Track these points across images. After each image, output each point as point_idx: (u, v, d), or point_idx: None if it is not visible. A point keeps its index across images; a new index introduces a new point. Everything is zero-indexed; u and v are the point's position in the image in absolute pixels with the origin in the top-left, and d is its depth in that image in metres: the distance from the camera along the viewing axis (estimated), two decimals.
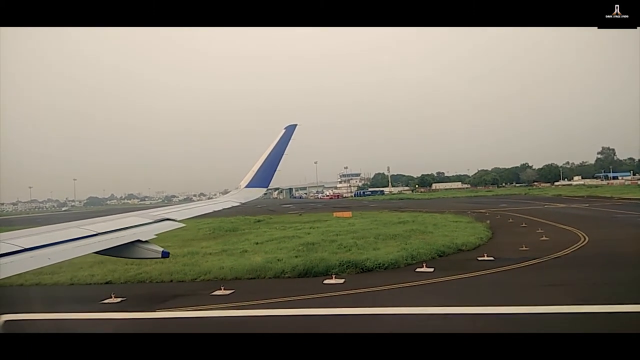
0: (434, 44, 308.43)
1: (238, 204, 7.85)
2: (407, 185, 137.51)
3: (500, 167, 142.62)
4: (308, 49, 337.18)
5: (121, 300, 11.45)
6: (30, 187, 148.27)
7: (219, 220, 34.09)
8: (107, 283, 13.83)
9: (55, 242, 3.97)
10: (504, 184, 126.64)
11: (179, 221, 5.88)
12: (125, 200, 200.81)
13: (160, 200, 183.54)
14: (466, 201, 58.52)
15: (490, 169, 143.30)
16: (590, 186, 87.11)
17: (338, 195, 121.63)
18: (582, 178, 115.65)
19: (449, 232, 21.78)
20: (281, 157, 8.45)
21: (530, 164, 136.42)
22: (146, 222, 5.38)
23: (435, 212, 36.74)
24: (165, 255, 4.69)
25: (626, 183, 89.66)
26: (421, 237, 20.30)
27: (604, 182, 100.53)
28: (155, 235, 4.98)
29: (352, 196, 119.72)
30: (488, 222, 25.86)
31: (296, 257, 15.77)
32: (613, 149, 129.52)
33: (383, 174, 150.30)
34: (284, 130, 8.69)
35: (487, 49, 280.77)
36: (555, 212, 33.28)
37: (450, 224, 25.38)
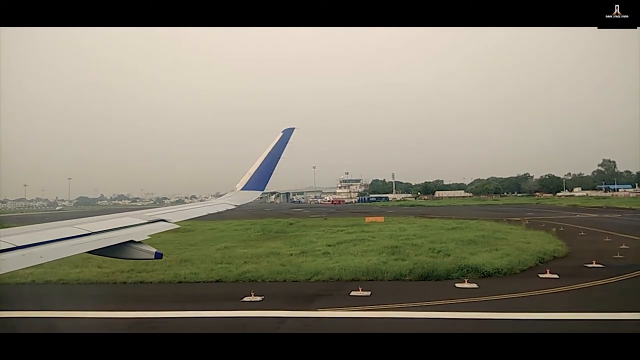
0: (432, 49, 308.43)
1: (233, 206, 7.79)
2: (406, 192, 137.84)
3: (497, 176, 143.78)
4: (308, 50, 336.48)
5: (262, 299, 11.44)
6: (25, 185, 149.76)
7: (249, 222, 35.60)
8: (217, 281, 14.10)
9: (48, 241, 3.92)
10: (505, 193, 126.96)
11: (174, 223, 5.86)
12: (116, 201, 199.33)
13: (152, 202, 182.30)
14: (484, 209, 56.97)
15: (486, 178, 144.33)
16: (597, 197, 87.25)
17: (340, 201, 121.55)
18: (582, 189, 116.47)
19: (522, 239, 20.93)
20: (278, 160, 8.43)
21: (530, 174, 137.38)
22: (140, 222, 5.36)
23: (466, 219, 34.82)
24: (158, 256, 4.61)
25: (631, 195, 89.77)
26: (499, 243, 19.70)
27: (608, 194, 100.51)
28: (149, 235, 4.94)
29: (355, 202, 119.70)
30: (554, 230, 24.70)
31: (402, 260, 15.55)
32: (614, 161, 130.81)
33: (384, 180, 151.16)
34: (281, 134, 8.69)
35: (486, 54, 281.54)
36: (595, 221, 32.81)
37: (512, 231, 24.41)
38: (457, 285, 12.51)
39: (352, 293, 11.73)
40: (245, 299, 11.45)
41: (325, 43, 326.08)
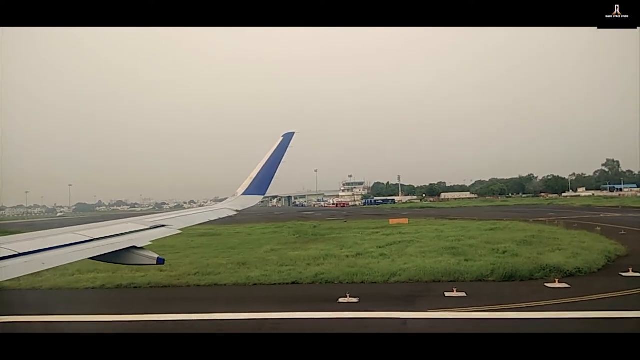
0: (432, 49, 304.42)
1: (235, 212, 7.82)
2: (410, 195, 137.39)
3: (498, 177, 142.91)
4: (308, 51, 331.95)
5: (358, 300, 11.52)
6: (26, 192, 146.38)
7: (273, 226, 36.25)
8: (293, 283, 14.29)
9: (50, 247, 3.93)
10: (510, 194, 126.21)
11: (177, 229, 5.87)
12: (115, 207, 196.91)
13: (151, 207, 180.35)
14: (498, 210, 56.37)
15: (488, 180, 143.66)
16: (606, 197, 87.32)
17: (344, 204, 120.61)
18: (587, 190, 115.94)
19: (574, 239, 20.72)
20: (278, 165, 8.47)
21: (534, 175, 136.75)
22: (142, 228, 5.37)
23: (492, 220, 34.25)
24: (160, 262, 4.59)
25: (639, 195, 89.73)
26: (555, 243, 19.51)
27: (615, 194, 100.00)
28: (151, 241, 4.92)
29: (361, 205, 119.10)
30: (598, 228, 24.41)
31: (473, 260, 15.61)
32: (617, 161, 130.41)
33: (387, 183, 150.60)
34: (281, 138, 8.74)
35: (486, 54, 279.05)
36: (625, 220, 32.71)
37: (557, 232, 24.01)
38: (548, 285, 12.47)
39: (447, 294, 11.74)
40: (341, 300, 11.51)
41: (325, 44, 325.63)
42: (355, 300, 11.48)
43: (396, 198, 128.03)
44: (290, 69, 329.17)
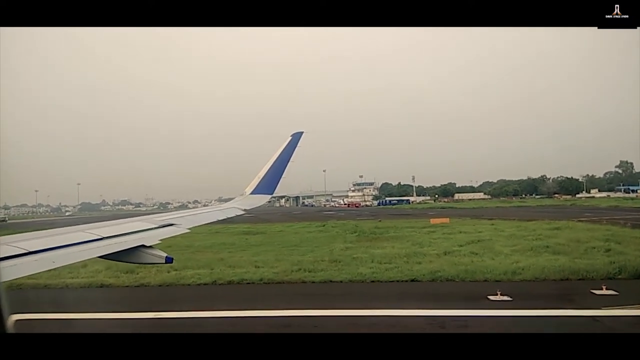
0: (435, 50, 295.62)
1: (243, 211, 7.86)
2: (419, 195, 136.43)
3: (506, 178, 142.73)
4: (312, 51, 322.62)
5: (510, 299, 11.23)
6: (36, 191, 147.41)
7: (314, 225, 36.47)
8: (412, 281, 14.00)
9: (59, 246, 3.99)
10: (524, 195, 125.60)
11: (186, 228, 5.90)
12: (120, 207, 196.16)
13: (156, 207, 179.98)
14: (528, 210, 55.01)
15: (495, 181, 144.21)
16: (625, 198, 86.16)
17: (356, 204, 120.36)
18: (599, 191, 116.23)
19: None
20: (287, 164, 8.57)
21: (547, 176, 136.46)
22: (151, 227, 5.42)
23: (536, 220, 32.80)
24: (169, 260, 4.64)
25: None
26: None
27: (632, 195, 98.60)
28: (160, 240, 4.98)
29: (374, 205, 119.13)
30: None
31: (587, 259, 15.31)
32: (631, 163, 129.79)
33: (398, 183, 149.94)
34: (290, 137, 8.84)
35: (486, 56, 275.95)
36: None
37: (631, 232, 22.85)
38: None
39: (596, 292, 11.55)
40: (491, 297, 11.35)
41: (332, 45, 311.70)
42: (507, 298, 11.27)
43: (410, 198, 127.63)
44: (294, 70, 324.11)
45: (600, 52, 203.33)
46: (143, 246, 4.68)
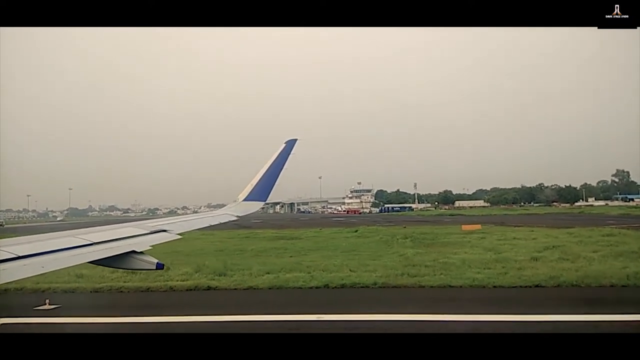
0: (432, 54, 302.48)
1: (235, 217, 7.83)
2: (418, 202, 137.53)
3: (499, 186, 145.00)
4: (307, 54, 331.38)
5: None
6: (28, 196, 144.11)
7: (346, 231, 36.45)
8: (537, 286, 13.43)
9: (49, 251, 3.92)
10: (523, 203, 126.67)
11: (177, 234, 5.89)
12: (107, 212, 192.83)
13: (144, 213, 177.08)
14: (540, 218, 53.70)
15: (489, 188, 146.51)
16: (628, 206, 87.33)
17: (355, 211, 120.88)
18: (595, 199, 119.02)
19: None
20: (280, 171, 8.51)
21: (544, 184, 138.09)
22: (142, 233, 5.36)
23: (555, 227, 33.19)
24: (159, 267, 4.56)
25: None
26: None
27: (632, 203, 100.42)
28: (151, 246, 4.91)
29: (373, 211, 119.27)
30: None
31: None
32: (628, 172, 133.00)
33: (398, 190, 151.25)
34: (284, 144, 8.77)
35: (487, 61, 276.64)
36: None
37: None
38: None
39: None
40: None
41: (327, 48, 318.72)
42: None
43: (412, 205, 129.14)
44: (289, 73, 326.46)
45: (600, 53, 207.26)
46: (134, 252, 4.61)
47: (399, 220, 57.47)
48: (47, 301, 11.89)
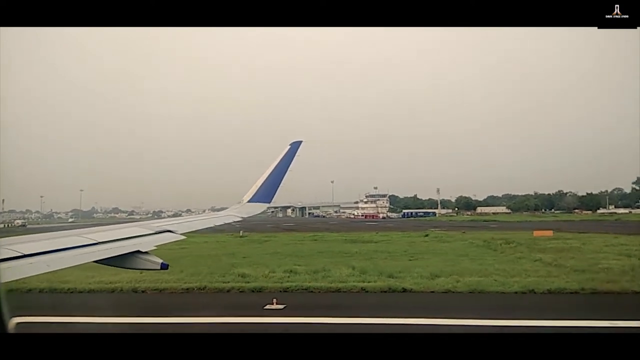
0: (432, 54, 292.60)
1: (240, 218, 7.90)
2: (429, 207, 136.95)
3: (511, 193, 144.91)
4: (306, 56, 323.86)
5: None
6: (41, 197, 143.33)
7: (419, 235, 36.23)
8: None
9: (55, 250, 3.98)
10: (544, 210, 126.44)
11: (181, 234, 5.95)
12: (112, 214, 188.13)
13: (149, 215, 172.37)
14: (576, 225, 52.59)
15: (500, 195, 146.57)
16: None
17: (373, 216, 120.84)
18: (615, 207, 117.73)
19: None
20: (285, 173, 8.54)
21: (564, 191, 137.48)
22: (147, 233, 5.42)
23: (620, 234, 32.60)
24: (164, 267, 4.61)
25: None
26: None
27: None
28: (155, 246, 4.98)
29: (390, 216, 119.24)
30: None
31: None
32: None
33: (415, 195, 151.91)
34: (288, 146, 8.82)
35: (488, 64, 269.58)
36: None
37: None
38: None
39: None
40: None
41: (334, 49, 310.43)
42: None
43: (436, 211, 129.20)
44: (291, 74, 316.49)
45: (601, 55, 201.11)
46: (139, 252, 4.66)
47: (435, 225, 56.13)
48: (274, 300, 12.20)
